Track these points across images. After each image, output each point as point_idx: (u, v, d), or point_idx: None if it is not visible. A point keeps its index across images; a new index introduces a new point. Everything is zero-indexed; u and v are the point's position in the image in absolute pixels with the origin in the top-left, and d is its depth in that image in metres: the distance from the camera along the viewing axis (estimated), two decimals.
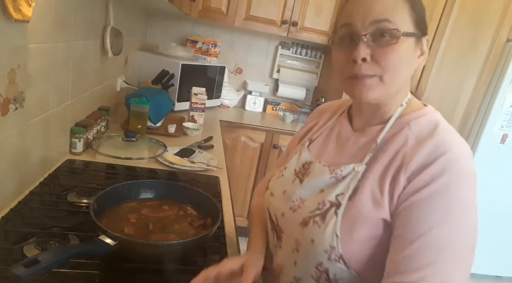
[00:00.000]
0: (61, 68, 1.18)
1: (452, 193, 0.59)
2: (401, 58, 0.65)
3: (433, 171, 0.60)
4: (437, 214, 0.58)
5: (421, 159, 0.62)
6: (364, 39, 0.63)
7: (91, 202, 0.83)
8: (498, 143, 2.53)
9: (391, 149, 0.67)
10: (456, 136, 0.66)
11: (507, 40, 2.40)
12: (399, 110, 0.71)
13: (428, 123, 0.68)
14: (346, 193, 0.67)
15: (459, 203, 0.59)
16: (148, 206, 0.96)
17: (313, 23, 2.53)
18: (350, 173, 0.69)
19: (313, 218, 0.69)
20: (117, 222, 0.87)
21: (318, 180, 0.73)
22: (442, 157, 0.60)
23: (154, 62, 2.24)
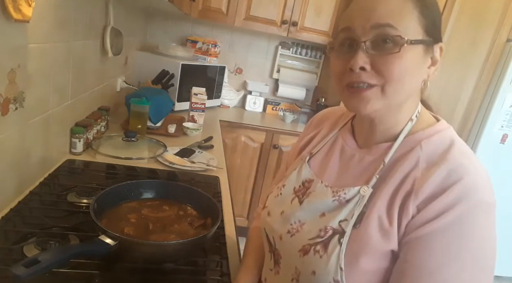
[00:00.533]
0: (61, 68, 1.18)
1: (466, 226, 0.53)
2: (405, 68, 0.57)
3: (446, 200, 0.54)
4: (449, 251, 0.53)
5: (433, 186, 0.55)
6: (363, 45, 0.57)
7: (91, 202, 0.83)
8: (498, 143, 2.53)
9: (400, 172, 0.60)
10: (473, 159, 0.59)
11: (507, 40, 2.40)
12: (409, 125, 0.64)
13: (441, 143, 0.61)
14: (351, 220, 0.60)
15: (474, 239, 0.53)
16: (148, 206, 0.96)
17: (313, 23, 2.53)
18: (355, 197, 0.62)
19: (314, 247, 0.62)
20: (117, 222, 0.87)
21: (319, 203, 0.67)
22: (457, 184, 0.54)
23: (154, 62, 2.24)
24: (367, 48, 0.57)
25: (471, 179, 0.55)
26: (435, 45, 0.61)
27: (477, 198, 0.54)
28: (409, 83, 0.60)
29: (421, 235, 0.54)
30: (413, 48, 0.57)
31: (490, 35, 2.40)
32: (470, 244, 0.53)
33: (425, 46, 0.59)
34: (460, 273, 0.52)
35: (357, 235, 0.59)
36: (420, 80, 0.63)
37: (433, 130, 0.63)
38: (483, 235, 0.54)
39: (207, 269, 0.86)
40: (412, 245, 0.55)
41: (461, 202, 0.53)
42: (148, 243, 0.80)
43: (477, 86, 2.50)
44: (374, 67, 0.58)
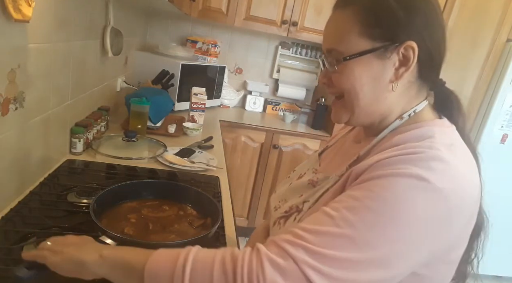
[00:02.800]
0: (61, 68, 1.18)
1: (384, 198, 0.50)
2: (353, 82, 0.62)
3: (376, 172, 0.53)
4: (350, 212, 0.51)
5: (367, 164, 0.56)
6: (324, 63, 0.67)
7: (91, 202, 0.83)
8: (498, 143, 2.53)
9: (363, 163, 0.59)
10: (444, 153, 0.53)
11: (507, 40, 2.40)
12: (396, 123, 0.64)
13: (416, 136, 0.58)
14: (311, 200, 0.67)
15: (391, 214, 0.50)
16: (148, 206, 0.96)
17: (313, 23, 2.53)
18: (323, 182, 0.70)
19: (279, 220, 0.72)
20: (117, 222, 0.87)
21: (300, 184, 0.76)
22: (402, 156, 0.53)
23: (154, 62, 2.24)
24: (326, 65, 0.67)
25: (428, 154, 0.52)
26: (399, 46, 0.59)
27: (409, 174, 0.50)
28: (364, 92, 0.62)
29: (346, 194, 0.56)
30: (355, 61, 0.61)
31: (490, 35, 2.40)
32: (375, 211, 0.50)
33: (377, 52, 0.60)
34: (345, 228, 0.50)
35: (310, 213, 0.64)
36: (383, 85, 0.62)
37: (419, 125, 0.62)
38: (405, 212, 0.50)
39: None
40: (338, 200, 0.56)
41: (386, 174, 0.52)
42: (148, 243, 0.80)
43: (477, 86, 2.50)
44: (330, 81, 0.67)
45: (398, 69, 0.61)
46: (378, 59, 0.61)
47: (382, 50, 0.60)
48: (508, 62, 2.38)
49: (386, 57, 0.60)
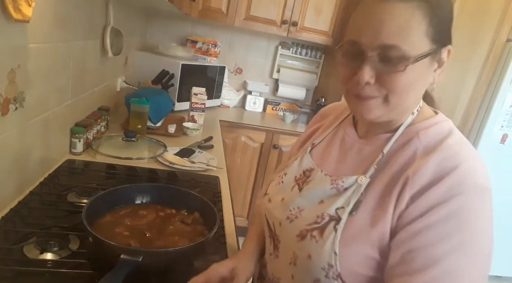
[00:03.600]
0: (61, 68, 1.18)
1: (466, 215, 0.53)
2: (409, 83, 0.59)
3: (443, 189, 0.54)
4: (451, 240, 0.52)
5: (427, 175, 0.56)
6: (369, 60, 0.58)
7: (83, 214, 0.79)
8: (498, 143, 2.53)
9: (398, 162, 0.61)
10: (469, 148, 0.60)
11: (507, 40, 2.40)
12: (410, 118, 0.65)
13: (438, 133, 0.62)
14: (347, 207, 0.62)
15: (474, 226, 0.53)
16: (125, 216, 0.92)
17: (313, 23, 2.53)
18: (352, 186, 0.64)
19: (311, 232, 0.64)
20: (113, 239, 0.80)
21: (318, 190, 0.69)
22: (453, 172, 0.54)
23: (154, 62, 2.24)
24: (374, 62, 0.58)
25: (467, 166, 0.56)
26: (442, 48, 0.61)
27: (474, 184, 0.55)
28: (414, 93, 0.62)
29: (420, 227, 0.54)
30: (420, 63, 0.57)
31: (490, 35, 2.40)
32: (472, 230, 0.53)
33: (432, 55, 0.59)
34: (465, 261, 0.53)
35: (352, 222, 0.61)
36: (425, 87, 0.64)
37: (432, 121, 0.65)
38: (482, 220, 0.54)
39: (207, 269, 0.86)
40: (411, 237, 0.55)
41: (459, 190, 0.54)
42: (173, 250, 0.78)
43: (477, 86, 2.50)
44: (378, 80, 0.59)
45: (435, 72, 0.63)
46: (432, 61, 0.60)
47: (435, 52, 0.60)
48: (508, 62, 2.37)
49: (435, 59, 0.61)
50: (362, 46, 0.58)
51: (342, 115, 0.81)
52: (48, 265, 0.78)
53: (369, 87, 0.60)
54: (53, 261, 0.79)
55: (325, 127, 0.83)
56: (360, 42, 0.59)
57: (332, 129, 0.79)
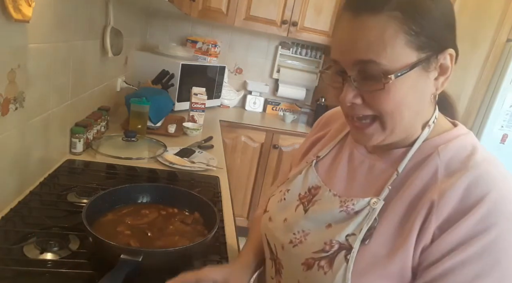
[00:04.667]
0: (61, 68, 1.18)
1: (502, 247, 0.48)
2: (397, 101, 0.53)
3: (475, 220, 0.48)
4: (489, 278, 0.47)
5: (456, 201, 0.50)
6: (350, 80, 0.54)
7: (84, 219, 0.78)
8: (498, 143, 2.53)
9: (417, 184, 0.55)
10: (497, 166, 0.54)
11: (507, 40, 2.40)
12: (426, 131, 0.59)
13: (461, 149, 0.56)
14: (359, 234, 0.55)
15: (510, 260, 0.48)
16: (127, 215, 0.92)
17: (313, 23, 2.53)
18: (364, 209, 0.57)
19: (318, 262, 0.58)
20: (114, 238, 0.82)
21: (326, 213, 0.62)
22: (484, 200, 0.49)
23: (154, 62, 2.24)
24: (355, 82, 0.54)
25: (498, 192, 0.50)
26: (439, 55, 0.54)
27: (506, 211, 0.49)
28: (408, 110, 0.55)
29: (453, 265, 0.49)
30: (404, 77, 0.52)
31: (490, 35, 2.40)
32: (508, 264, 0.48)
33: (423, 65, 0.53)
34: None
35: (366, 252, 0.55)
36: (425, 98, 0.57)
37: (451, 135, 0.59)
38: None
39: None
40: (445, 276, 0.49)
41: (491, 223, 0.48)
42: (173, 250, 0.78)
43: (477, 86, 2.50)
44: (364, 100, 0.55)
45: (437, 79, 0.56)
46: (423, 72, 0.54)
47: (427, 61, 0.53)
48: (508, 62, 2.38)
49: (430, 68, 0.54)
50: (341, 65, 0.55)
51: None
52: (48, 265, 0.77)
53: (358, 107, 0.56)
54: (53, 261, 0.79)
55: (330, 136, 0.76)
56: (339, 60, 0.56)
57: (339, 141, 0.72)
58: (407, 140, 0.60)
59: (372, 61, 0.51)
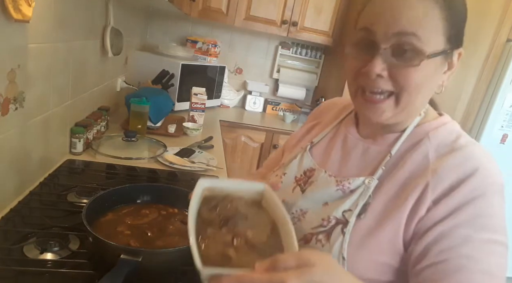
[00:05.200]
0: (61, 68, 1.18)
1: (491, 212, 0.54)
2: (422, 81, 0.57)
3: (467, 191, 0.54)
4: (481, 237, 0.53)
5: (449, 178, 0.55)
6: (383, 52, 0.55)
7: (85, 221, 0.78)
8: (498, 143, 2.53)
9: (409, 165, 0.60)
10: (481, 147, 0.60)
11: (507, 40, 2.40)
12: (417, 119, 0.64)
13: (448, 133, 0.62)
14: (355, 210, 0.60)
15: (500, 223, 0.55)
16: (127, 215, 0.92)
17: (313, 23, 2.53)
18: (360, 187, 0.62)
19: (316, 236, 0.62)
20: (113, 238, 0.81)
21: (322, 192, 0.66)
22: (474, 175, 0.55)
23: (154, 62, 2.24)
24: (386, 55, 0.56)
25: (485, 168, 0.56)
26: (455, 50, 0.60)
27: (494, 184, 0.55)
28: (424, 92, 0.60)
29: (448, 228, 0.54)
30: (432, 60, 0.56)
31: (490, 35, 2.40)
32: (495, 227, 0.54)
33: (444, 55, 0.58)
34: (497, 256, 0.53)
35: (361, 225, 0.59)
36: (435, 87, 0.62)
37: (440, 122, 0.65)
38: (502, 214, 0.56)
39: None
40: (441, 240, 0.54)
41: (481, 193, 0.54)
42: (173, 251, 0.78)
43: (477, 86, 2.50)
44: (391, 75, 0.57)
45: (445, 73, 0.61)
46: (443, 62, 0.59)
47: (448, 53, 0.58)
48: (508, 62, 2.38)
49: (447, 60, 0.59)
50: (376, 36, 0.56)
51: (344, 112, 0.78)
52: (48, 265, 0.78)
53: (381, 80, 0.57)
54: (53, 261, 0.79)
55: (324, 124, 0.80)
56: (374, 30, 0.56)
57: (333, 127, 0.77)
58: (401, 126, 0.65)
59: (414, 35, 0.54)
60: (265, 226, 0.56)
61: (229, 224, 0.54)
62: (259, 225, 0.56)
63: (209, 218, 0.55)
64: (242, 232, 0.53)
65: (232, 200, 0.58)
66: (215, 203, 0.57)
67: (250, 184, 0.62)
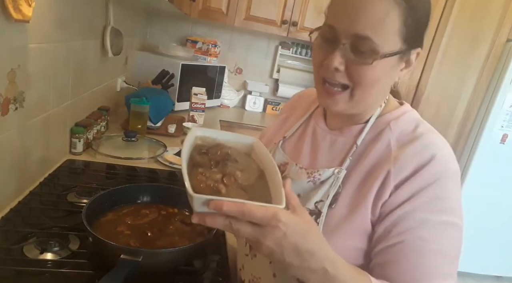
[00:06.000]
0: (61, 68, 1.18)
1: (447, 196, 0.59)
2: (375, 78, 0.61)
3: (425, 176, 0.58)
4: (437, 219, 0.57)
5: (409, 165, 0.60)
6: (341, 47, 0.59)
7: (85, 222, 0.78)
8: (498, 143, 2.53)
9: (373, 154, 0.64)
10: (437, 135, 0.65)
11: (507, 40, 2.40)
12: (378, 110, 0.69)
13: (408, 123, 0.66)
14: (326, 200, 0.64)
15: (455, 206, 0.59)
16: (127, 215, 0.92)
17: (313, 23, 2.53)
18: (330, 178, 0.66)
19: None
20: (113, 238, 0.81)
21: (295, 185, 0.68)
22: (432, 161, 0.59)
23: (154, 62, 2.24)
24: (345, 51, 0.59)
25: (443, 153, 0.61)
26: (412, 50, 0.63)
27: (451, 169, 0.60)
28: (377, 89, 0.63)
29: (408, 210, 0.58)
30: (387, 59, 0.59)
31: (490, 35, 2.40)
32: (454, 209, 0.59)
33: (400, 55, 0.61)
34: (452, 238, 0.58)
35: (333, 215, 0.63)
36: (390, 83, 0.67)
37: (400, 111, 0.68)
38: (457, 197, 0.61)
39: (207, 269, 0.86)
40: (400, 223, 0.58)
41: (437, 177, 0.58)
42: (173, 251, 0.78)
43: (477, 86, 2.50)
44: (347, 69, 0.60)
45: (402, 71, 0.65)
46: (398, 60, 0.62)
47: (404, 53, 0.61)
48: (508, 62, 2.38)
49: (403, 60, 0.63)
50: (337, 32, 0.60)
51: (314, 105, 0.81)
52: (48, 265, 0.77)
53: (338, 74, 0.61)
54: (53, 261, 0.78)
55: (295, 117, 0.83)
56: (336, 27, 0.60)
57: (304, 121, 0.80)
58: (364, 117, 0.69)
59: (368, 39, 0.57)
60: (254, 171, 0.59)
61: (219, 166, 0.57)
62: (248, 169, 0.58)
63: (201, 161, 0.58)
64: (231, 173, 0.56)
65: (223, 147, 0.61)
66: (206, 149, 0.61)
67: (241, 136, 0.65)
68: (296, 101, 0.89)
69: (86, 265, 0.78)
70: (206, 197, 0.48)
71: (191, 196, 0.48)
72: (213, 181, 0.54)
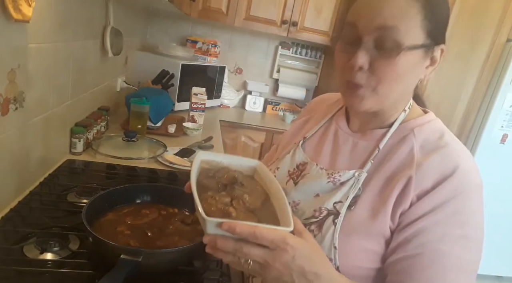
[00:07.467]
0: (61, 68, 1.18)
1: (469, 210, 0.58)
2: (399, 73, 0.59)
3: (449, 188, 0.57)
4: (458, 232, 0.57)
5: (432, 175, 0.59)
6: (365, 44, 0.59)
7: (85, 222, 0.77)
8: (498, 143, 2.53)
9: (395, 159, 0.64)
10: (462, 146, 0.64)
11: (507, 40, 2.40)
12: (403, 115, 0.68)
13: (433, 131, 0.65)
14: (345, 201, 0.63)
15: (476, 221, 0.58)
16: (127, 215, 0.91)
17: (313, 23, 2.53)
18: (350, 180, 0.66)
19: (309, 226, 0.65)
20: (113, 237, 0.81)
21: (314, 184, 0.70)
22: (455, 173, 0.58)
23: (154, 62, 2.24)
24: (369, 47, 0.59)
25: (466, 165, 0.59)
26: (436, 46, 0.62)
27: (473, 183, 0.59)
28: (402, 85, 0.62)
29: (428, 224, 0.57)
30: (411, 53, 0.58)
31: (490, 35, 2.39)
32: (474, 224, 0.58)
33: (425, 49, 0.60)
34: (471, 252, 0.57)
35: (351, 216, 0.63)
36: (415, 81, 0.65)
37: (425, 119, 0.68)
38: (479, 211, 0.59)
39: (207, 269, 0.86)
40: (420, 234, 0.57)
41: (460, 191, 0.57)
42: (173, 251, 0.77)
43: (477, 86, 2.49)
44: (371, 67, 0.60)
45: (427, 68, 0.64)
46: (423, 56, 0.61)
47: (429, 47, 0.61)
48: (508, 62, 2.37)
49: (428, 55, 0.62)
50: (359, 30, 0.59)
51: (335, 107, 0.81)
52: (48, 265, 0.77)
53: (360, 74, 0.60)
54: (53, 261, 0.78)
55: (316, 119, 0.83)
56: (358, 24, 0.60)
57: (325, 122, 0.80)
58: (387, 120, 0.68)
59: (395, 27, 0.57)
60: (260, 194, 0.61)
61: (227, 189, 0.58)
62: (254, 192, 0.60)
63: (208, 184, 0.60)
64: (239, 196, 0.57)
65: (228, 171, 0.63)
66: (213, 173, 0.62)
67: (244, 159, 0.66)
68: (316, 104, 0.89)
69: (86, 265, 0.78)
70: (220, 220, 0.49)
71: (204, 220, 0.49)
72: (222, 204, 0.55)
